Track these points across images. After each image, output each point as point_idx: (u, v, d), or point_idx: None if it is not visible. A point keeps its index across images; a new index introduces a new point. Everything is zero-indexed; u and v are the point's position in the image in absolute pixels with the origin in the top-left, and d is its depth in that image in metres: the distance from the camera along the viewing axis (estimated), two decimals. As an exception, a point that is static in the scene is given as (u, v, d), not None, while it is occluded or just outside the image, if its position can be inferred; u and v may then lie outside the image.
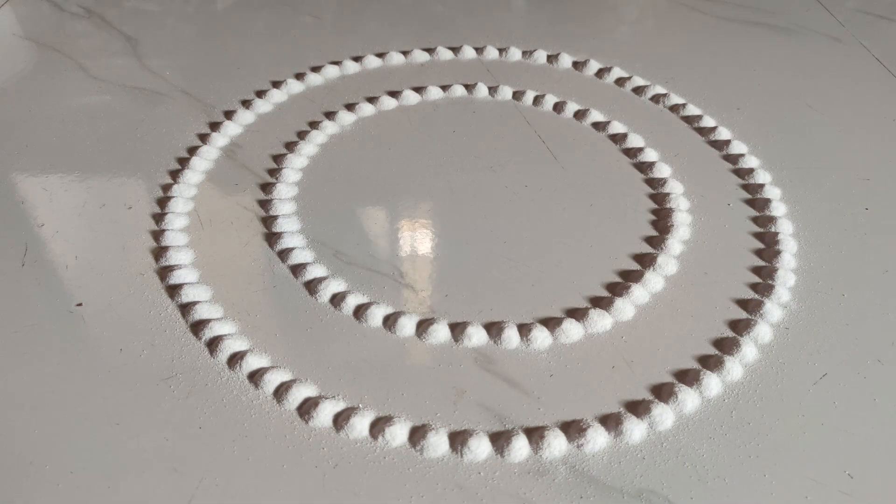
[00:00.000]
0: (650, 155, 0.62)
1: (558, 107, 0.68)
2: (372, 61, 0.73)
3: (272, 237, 0.54)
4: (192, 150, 0.61)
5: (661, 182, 0.60)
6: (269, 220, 0.55)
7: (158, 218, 0.55)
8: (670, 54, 0.77)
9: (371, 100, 0.68)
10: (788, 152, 0.64)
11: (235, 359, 0.45)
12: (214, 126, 0.64)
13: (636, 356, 0.46)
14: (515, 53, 0.75)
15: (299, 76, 0.71)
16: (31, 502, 0.38)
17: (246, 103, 0.67)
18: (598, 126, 0.66)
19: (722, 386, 0.45)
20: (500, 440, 0.41)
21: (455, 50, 0.75)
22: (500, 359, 0.46)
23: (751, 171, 0.61)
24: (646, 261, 0.53)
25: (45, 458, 0.40)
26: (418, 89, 0.69)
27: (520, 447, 0.41)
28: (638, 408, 0.43)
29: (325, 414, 0.42)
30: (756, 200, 0.59)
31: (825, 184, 0.60)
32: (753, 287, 0.51)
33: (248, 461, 0.40)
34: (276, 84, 0.70)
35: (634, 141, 0.64)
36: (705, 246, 0.54)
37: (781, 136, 0.65)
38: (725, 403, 0.44)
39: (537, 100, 0.69)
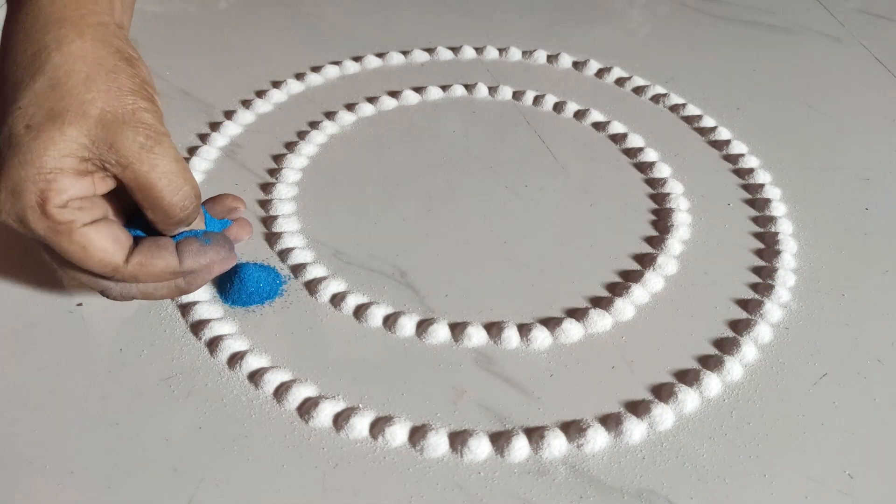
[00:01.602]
0: (650, 155, 0.62)
1: (558, 107, 0.68)
2: (372, 61, 0.73)
3: (272, 237, 0.54)
4: (192, 150, 0.61)
5: (661, 182, 0.60)
6: (269, 220, 0.55)
7: (158, 218, 0.55)
8: (670, 54, 0.77)
9: (371, 100, 0.68)
10: (788, 152, 0.64)
11: (235, 359, 0.45)
12: (214, 126, 0.64)
13: (636, 356, 0.46)
14: (515, 53, 0.75)
15: (299, 76, 0.71)
16: (31, 502, 0.38)
17: (246, 103, 0.67)
18: (598, 126, 0.66)
19: (722, 386, 0.45)
20: (500, 440, 0.41)
21: (455, 50, 0.75)
22: (500, 359, 0.46)
23: (751, 171, 0.61)
24: (646, 261, 0.53)
25: (45, 458, 0.40)
26: (418, 89, 0.69)
27: (520, 447, 0.41)
28: (638, 408, 0.43)
29: (325, 414, 0.42)
30: (756, 200, 0.59)
31: (825, 184, 0.60)
32: (753, 287, 0.51)
33: (248, 461, 0.40)
34: (276, 84, 0.70)
35: (634, 141, 0.64)
36: (705, 246, 0.54)
37: (781, 136, 0.65)
38: (725, 403, 0.44)
39: (537, 100, 0.69)
